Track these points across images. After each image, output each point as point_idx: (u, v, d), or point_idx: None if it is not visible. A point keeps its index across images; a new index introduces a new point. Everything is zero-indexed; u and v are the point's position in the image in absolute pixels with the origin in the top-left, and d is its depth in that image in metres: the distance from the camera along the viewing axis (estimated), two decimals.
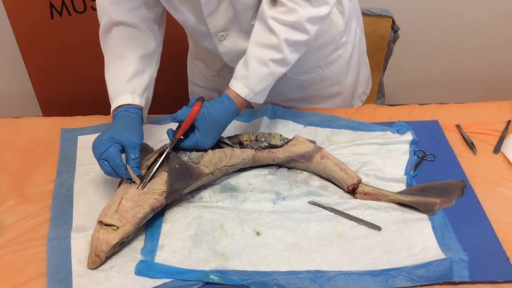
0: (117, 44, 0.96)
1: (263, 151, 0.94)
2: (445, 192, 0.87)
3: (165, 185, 0.84)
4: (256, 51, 0.89)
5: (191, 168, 0.86)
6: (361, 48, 1.19)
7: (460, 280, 0.75)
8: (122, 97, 0.92)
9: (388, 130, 1.03)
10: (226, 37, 0.98)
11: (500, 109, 1.11)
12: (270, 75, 0.90)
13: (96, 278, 0.77)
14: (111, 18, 0.94)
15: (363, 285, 0.75)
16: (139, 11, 0.96)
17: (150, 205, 0.82)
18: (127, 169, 0.84)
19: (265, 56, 0.88)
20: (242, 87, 0.90)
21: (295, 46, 0.90)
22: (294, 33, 0.88)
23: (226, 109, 0.89)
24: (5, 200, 0.91)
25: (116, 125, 0.88)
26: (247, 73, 0.89)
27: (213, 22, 0.95)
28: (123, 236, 0.79)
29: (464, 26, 1.91)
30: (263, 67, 0.89)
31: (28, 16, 1.41)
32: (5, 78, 1.89)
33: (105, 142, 0.84)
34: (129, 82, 0.93)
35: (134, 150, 0.85)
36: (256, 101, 0.92)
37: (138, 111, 0.93)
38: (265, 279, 0.76)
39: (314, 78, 1.12)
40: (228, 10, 0.93)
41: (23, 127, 1.09)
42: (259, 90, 0.90)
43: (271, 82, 0.92)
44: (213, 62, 1.12)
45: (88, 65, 1.15)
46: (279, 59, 0.89)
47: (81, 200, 0.90)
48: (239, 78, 0.90)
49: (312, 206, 0.89)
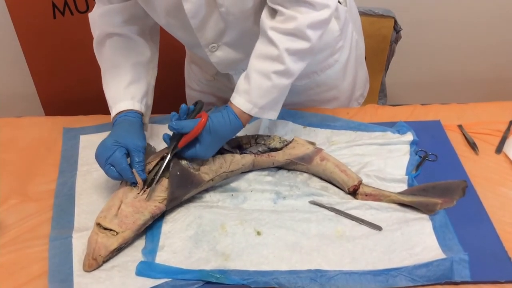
0: (112, 53, 0.96)
1: (263, 155, 0.94)
2: (447, 192, 0.87)
3: (166, 192, 0.84)
4: (257, 64, 0.85)
5: (192, 175, 0.86)
6: (358, 52, 1.17)
7: (461, 280, 0.75)
8: (121, 103, 0.92)
9: (388, 131, 1.03)
10: (217, 48, 0.96)
11: (502, 109, 1.11)
12: (274, 88, 0.85)
13: (98, 278, 0.77)
14: (103, 30, 0.95)
15: (363, 284, 0.75)
16: (129, 24, 0.96)
17: (151, 213, 0.82)
18: (133, 173, 0.84)
19: (266, 68, 0.84)
20: (244, 102, 0.85)
21: (298, 55, 0.85)
22: (295, 42, 0.83)
23: (232, 127, 0.86)
24: (7, 199, 0.91)
25: (118, 130, 0.88)
26: (249, 88, 0.85)
27: (204, 35, 0.93)
28: (122, 242, 0.79)
29: (466, 26, 1.91)
30: (265, 80, 0.84)
31: (30, 16, 1.41)
32: (8, 77, 1.90)
33: (110, 147, 0.84)
34: (126, 88, 0.94)
35: (139, 153, 0.85)
36: (267, 117, 0.88)
37: (138, 115, 0.93)
38: (266, 279, 0.76)
39: (310, 84, 1.10)
40: (218, 23, 0.90)
41: (25, 127, 1.10)
42: (264, 104, 0.86)
43: (277, 95, 0.87)
44: (208, 67, 1.10)
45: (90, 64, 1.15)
46: (282, 71, 0.84)
47: (83, 200, 0.91)
48: (241, 93, 0.86)
49: (313, 205, 0.89)
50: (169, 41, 1.11)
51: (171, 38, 1.01)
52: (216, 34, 0.93)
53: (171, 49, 1.22)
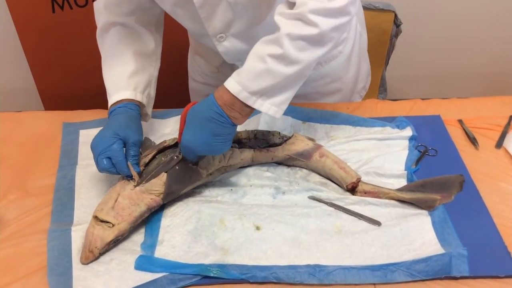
0: (115, 42, 0.95)
1: (262, 150, 0.93)
2: (444, 187, 0.86)
3: (163, 186, 0.84)
4: (256, 47, 0.80)
5: (190, 170, 0.86)
6: (361, 44, 1.18)
7: (460, 275, 0.75)
8: (123, 92, 0.91)
9: (388, 126, 1.03)
10: (225, 38, 0.95)
11: (502, 104, 1.11)
12: (268, 73, 0.77)
13: (96, 271, 0.77)
14: (107, 19, 0.94)
15: (362, 279, 0.75)
16: (135, 14, 0.95)
17: (147, 205, 0.82)
18: (128, 166, 0.84)
19: (263, 50, 0.78)
20: (233, 83, 0.78)
21: (302, 43, 0.77)
22: (299, 27, 0.76)
23: (207, 104, 0.79)
24: (7, 194, 0.91)
25: (117, 122, 0.88)
26: (241, 69, 0.78)
27: (212, 25, 0.92)
28: (118, 234, 0.79)
29: (467, 21, 1.90)
30: (259, 63, 0.77)
31: (29, 10, 1.41)
32: (7, 72, 1.90)
33: (109, 138, 0.84)
34: (130, 78, 0.92)
35: (135, 147, 0.86)
36: (265, 111, 0.79)
37: (137, 108, 0.92)
38: (265, 273, 0.76)
39: (314, 75, 1.10)
40: (226, 13, 0.89)
41: (24, 121, 1.10)
42: (256, 90, 0.77)
43: (273, 83, 0.77)
44: (213, 58, 1.10)
45: (90, 59, 1.15)
46: (279, 55, 0.76)
47: (82, 194, 0.91)
48: (233, 74, 0.79)
49: (312, 201, 0.89)
50: (172, 34, 1.10)
51: (174, 31, 1.00)
52: (224, 24, 0.92)
53: (173, 42, 1.22)
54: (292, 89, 0.82)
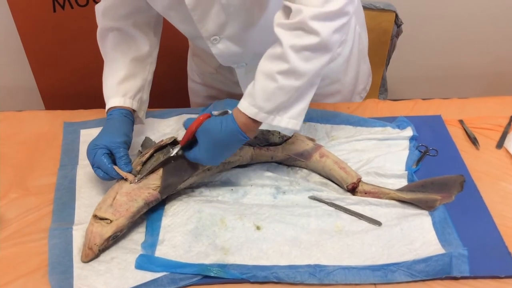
0: (111, 48, 0.97)
1: (262, 148, 0.93)
2: (445, 187, 0.86)
3: (160, 180, 0.84)
4: (263, 64, 0.79)
5: (186, 162, 0.86)
6: (361, 45, 1.17)
7: (460, 275, 0.75)
8: (113, 99, 0.94)
9: (388, 126, 1.03)
10: (219, 40, 0.95)
11: (503, 104, 1.11)
12: (280, 90, 0.77)
13: (97, 270, 0.77)
14: (104, 24, 0.96)
15: (362, 279, 0.75)
16: (132, 16, 0.96)
17: (144, 199, 0.83)
18: (116, 169, 0.85)
19: (271, 68, 0.77)
20: (248, 106, 0.78)
21: (307, 53, 0.76)
22: (301, 37, 0.75)
23: (226, 128, 0.80)
24: (8, 193, 0.91)
25: (105, 129, 0.91)
26: (253, 90, 0.79)
27: (205, 27, 0.92)
28: (116, 230, 0.80)
29: (468, 21, 1.89)
30: (269, 82, 0.77)
31: (30, 10, 1.41)
32: (8, 71, 1.90)
33: (91, 151, 0.87)
34: (120, 84, 0.95)
35: (119, 149, 0.86)
36: (285, 126, 0.80)
37: (128, 112, 0.94)
38: (265, 273, 0.76)
39: None
40: (219, 15, 0.89)
41: (25, 121, 1.10)
42: (271, 108, 0.78)
43: (286, 99, 0.78)
44: (210, 59, 1.10)
45: (91, 59, 1.15)
46: (287, 70, 0.76)
47: (83, 193, 0.91)
48: (246, 96, 0.80)
49: (313, 201, 0.89)
50: (172, 35, 1.10)
51: (174, 31, 1.00)
52: (217, 26, 0.92)
53: (173, 43, 1.21)
54: (307, 98, 0.81)
